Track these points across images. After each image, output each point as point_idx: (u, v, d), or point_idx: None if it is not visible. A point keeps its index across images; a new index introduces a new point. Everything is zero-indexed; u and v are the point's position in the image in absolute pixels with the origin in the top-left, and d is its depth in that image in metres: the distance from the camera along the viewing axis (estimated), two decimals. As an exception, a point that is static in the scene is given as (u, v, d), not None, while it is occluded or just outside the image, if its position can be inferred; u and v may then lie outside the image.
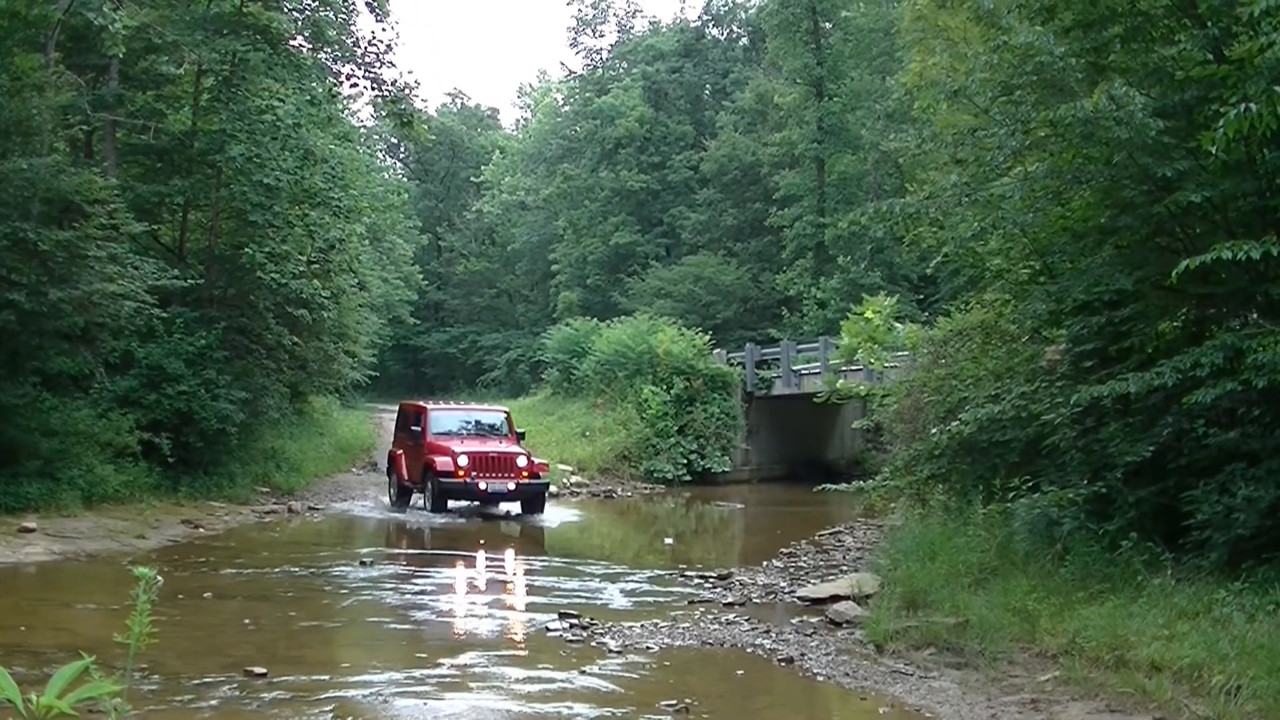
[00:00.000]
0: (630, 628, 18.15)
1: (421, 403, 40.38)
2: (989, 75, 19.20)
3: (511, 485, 34.13)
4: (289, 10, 36.98)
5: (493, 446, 35.16)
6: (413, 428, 36.88)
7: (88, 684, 3.51)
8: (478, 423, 38.13)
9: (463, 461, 33.71)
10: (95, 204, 28.82)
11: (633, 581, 23.75)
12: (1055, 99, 17.18)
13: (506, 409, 41.48)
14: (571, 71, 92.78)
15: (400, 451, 37.40)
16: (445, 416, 37.59)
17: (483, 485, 33.78)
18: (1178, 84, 16.89)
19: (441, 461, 34.16)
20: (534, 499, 35.10)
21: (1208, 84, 16.04)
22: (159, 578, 4.15)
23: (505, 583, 23.09)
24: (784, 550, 27.89)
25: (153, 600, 4.00)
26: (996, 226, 19.85)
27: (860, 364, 42.00)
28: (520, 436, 37.25)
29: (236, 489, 33.78)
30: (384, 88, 38.98)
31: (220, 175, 34.50)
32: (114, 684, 3.57)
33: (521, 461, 34.41)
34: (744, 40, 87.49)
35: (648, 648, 16.86)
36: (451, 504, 34.61)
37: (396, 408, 42.32)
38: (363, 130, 75.12)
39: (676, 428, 50.52)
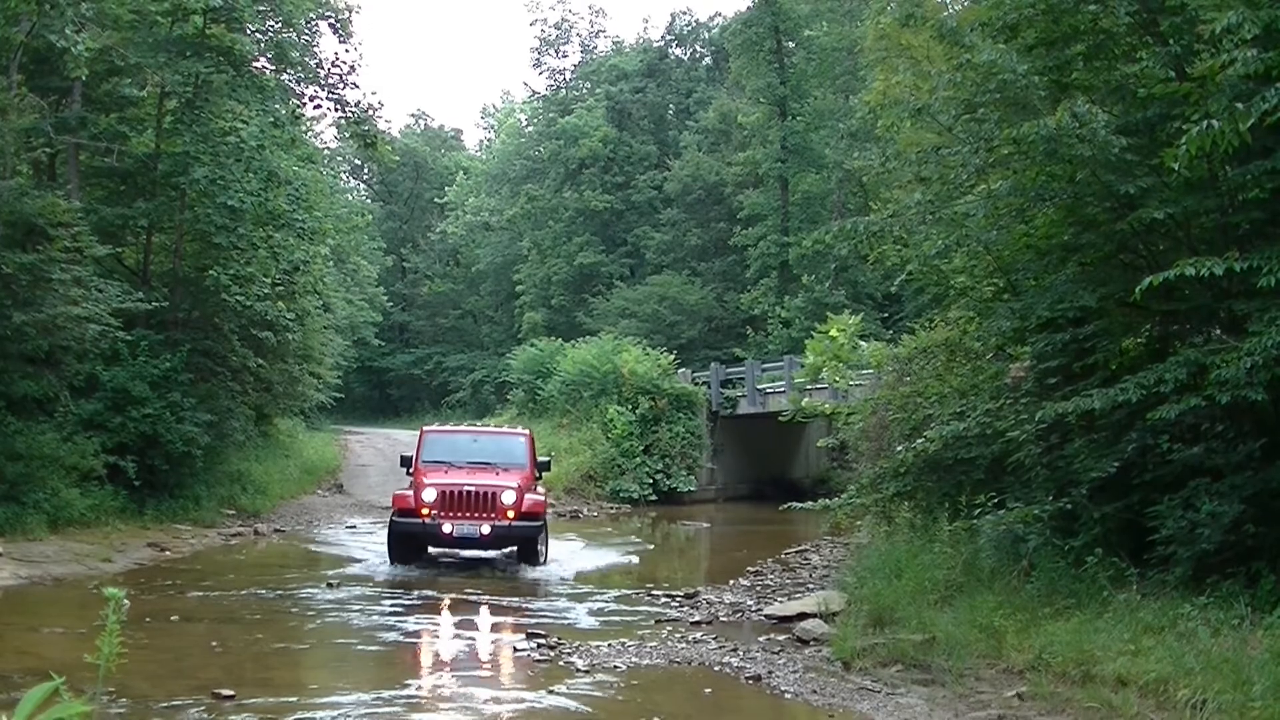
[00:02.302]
0: (598, 647, 18.14)
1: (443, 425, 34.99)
2: (952, 93, 19.31)
3: (485, 529, 26.77)
4: (252, 32, 36.91)
5: (479, 479, 27.49)
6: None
7: (58, 705, 3.51)
8: (485, 448, 29.91)
9: (427, 496, 26.92)
10: (59, 227, 28.78)
11: (600, 601, 23.77)
12: (1018, 117, 17.27)
13: (528, 431, 32.68)
14: (535, 92, 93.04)
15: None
16: (442, 440, 30.15)
17: (447, 528, 26.85)
18: (1140, 101, 17.01)
19: (401, 497, 27.95)
20: (524, 546, 27.98)
21: (1170, 101, 16.17)
22: (126, 600, 4.14)
23: (473, 603, 23.03)
24: (750, 569, 27.89)
25: (121, 621, 3.99)
26: (960, 244, 19.96)
27: (825, 383, 42.08)
28: (543, 467, 30.40)
29: (202, 512, 33.67)
30: (347, 109, 39.08)
31: (184, 197, 34.45)
32: (84, 704, 3.57)
33: (508, 497, 26.98)
34: (707, 60, 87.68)
35: (615, 667, 16.84)
36: (421, 552, 28.40)
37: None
38: (326, 152, 75.06)
39: (642, 447, 50.64)
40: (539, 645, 18.20)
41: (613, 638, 19.01)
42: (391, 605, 22.54)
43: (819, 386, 42.98)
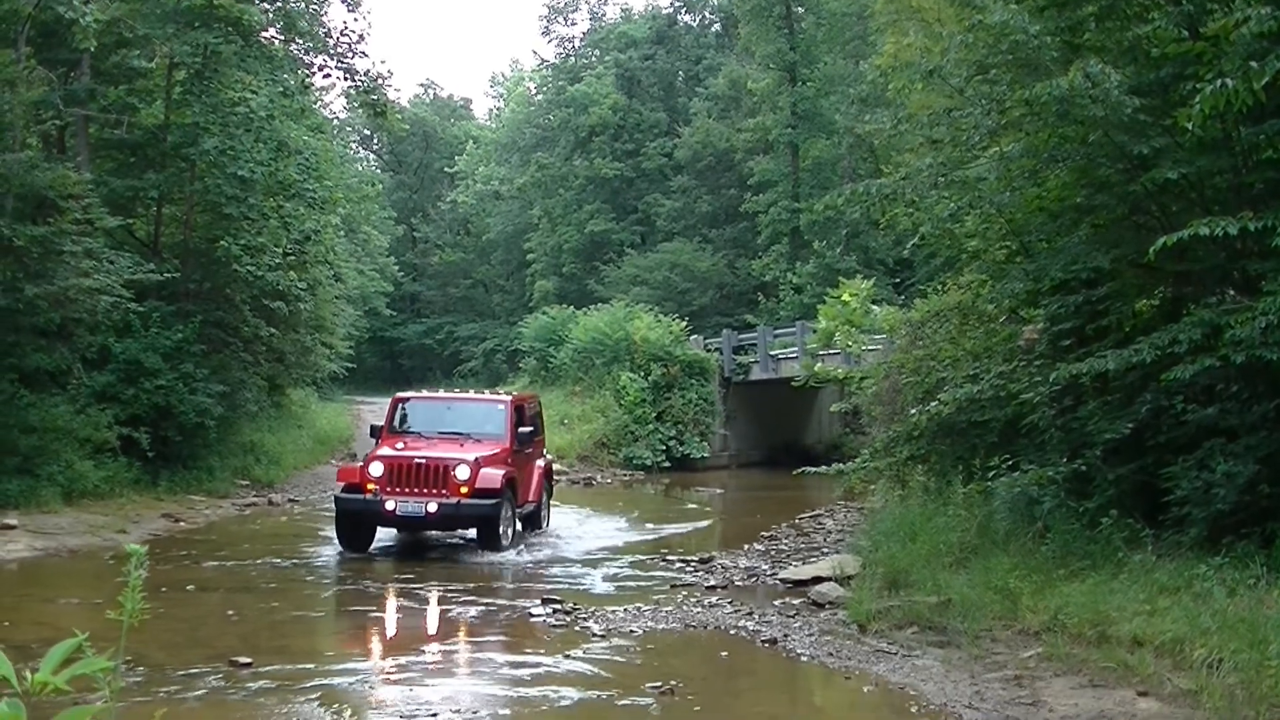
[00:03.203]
0: (613, 612, 18.18)
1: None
2: (964, 55, 19.21)
3: (431, 507, 23.80)
4: (260, 2, 36.79)
5: (436, 450, 24.83)
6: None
7: (82, 660, 3.52)
8: (459, 417, 27.09)
9: (373, 470, 24.19)
10: (69, 199, 28.74)
11: (614, 566, 23.80)
12: (1030, 78, 17.20)
13: (513, 395, 30.09)
14: (544, 60, 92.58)
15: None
16: (415, 408, 27.44)
17: (390, 505, 23.83)
18: (1153, 61, 16.93)
19: (346, 470, 25.65)
20: (480, 528, 24.85)
21: (1183, 61, 16.07)
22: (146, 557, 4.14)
23: (487, 570, 23.02)
24: (765, 534, 27.90)
25: (142, 578, 4.00)
26: (973, 207, 19.89)
27: (838, 348, 42.02)
28: (524, 437, 26.81)
29: (216, 482, 33.66)
30: (356, 78, 38.98)
31: (194, 169, 34.35)
32: (108, 660, 3.57)
33: (461, 472, 23.97)
34: (716, 26, 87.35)
35: (631, 631, 16.89)
36: (371, 535, 25.45)
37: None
38: (335, 122, 75.04)
39: (654, 414, 50.59)
40: (554, 610, 18.24)
41: (628, 603, 19.05)
42: (406, 572, 22.53)
43: (831, 352, 42.93)
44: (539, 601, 18.85)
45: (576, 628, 17.15)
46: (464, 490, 24.03)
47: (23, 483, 26.56)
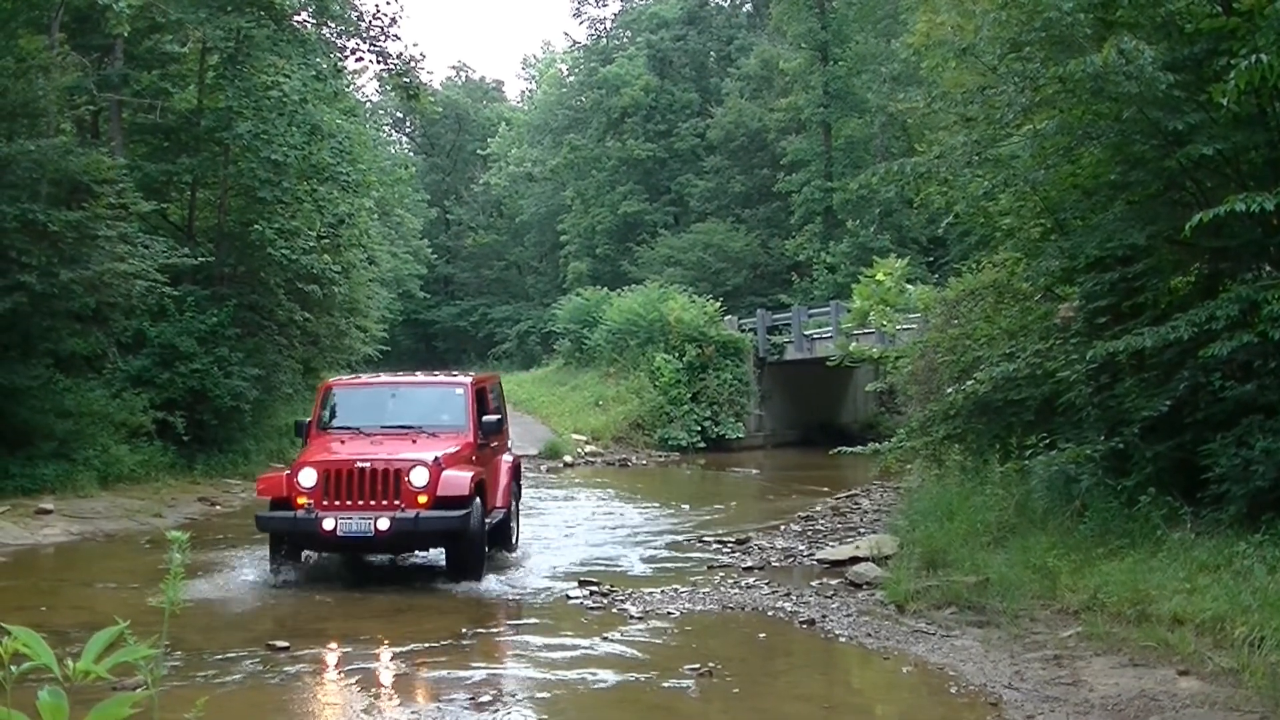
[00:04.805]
0: (650, 594, 18.18)
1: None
2: (997, 33, 19.11)
3: (382, 523, 18.50)
4: (292, -15, 36.89)
5: (382, 450, 19.52)
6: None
7: (124, 648, 3.51)
8: (406, 406, 21.52)
9: (304, 479, 18.83)
10: (103, 184, 28.85)
11: (651, 548, 23.77)
12: (1064, 55, 17.12)
13: (473, 377, 23.02)
14: (575, 42, 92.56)
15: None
16: (350, 397, 22.34)
17: (329, 524, 18.51)
18: (1187, 37, 16.84)
19: (269, 480, 19.98)
20: (447, 549, 19.75)
21: (1217, 36, 16.00)
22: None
23: (524, 552, 22.97)
24: (801, 514, 27.91)
25: (185, 564, 3.99)
26: (1007, 185, 19.81)
27: (872, 327, 41.94)
28: (490, 427, 21.23)
29: (251, 466, 33.69)
30: (389, 61, 38.97)
31: (228, 152, 34.47)
32: (150, 648, 3.57)
33: (419, 475, 18.80)
34: (747, 6, 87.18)
35: (668, 613, 16.88)
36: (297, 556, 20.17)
37: None
38: (368, 105, 75.03)
39: (689, 395, 50.65)
40: (591, 593, 18.24)
41: (665, 584, 19.06)
42: (443, 553, 22.53)
43: (866, 331, 42.84)
44: (576, 584, 18.84)
45: (614, 610, 17.15)
46: (422, 500, 18.74)
47: (59, 467, 26.71)
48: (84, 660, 3.39)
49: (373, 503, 18.64)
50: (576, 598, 18.01)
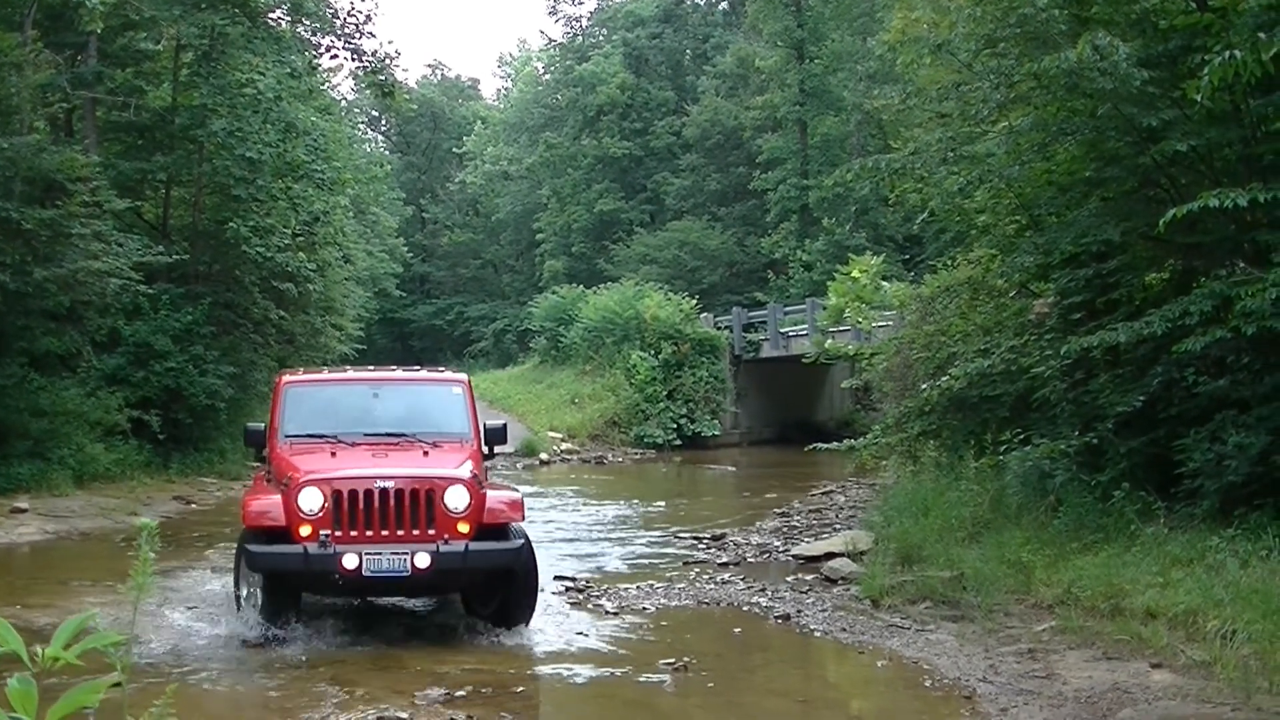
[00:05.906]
0: (626, 589, 18.20)
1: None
2: (972, 29, 19.15)
3: (423, 559, 14.04)
4: (267, -18, 36.86)
5: (399, 464, 15.06)
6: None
7: (93, 635, 3.51)
8: (393, 408, 16.96)
9: (308, 502, 14.24)
10: (77, 182, 28.75)
11: (627, 545, 23.80)
12: (1039, 51, 17.14)
13: (464, 376, 18.01)
14: (551, 40, 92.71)
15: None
16: (318, 396, 17.22)
17: (351, 562, 13.89)
18: (1161, 33, 16.89)
19: (258, 505, 14.90)
20: (504, 586, 15.10)
21: (1191, 33, 16.05)
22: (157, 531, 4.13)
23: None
24: (777, 511, 27.94)
25: (155, 551, 3.98)
26: (982, 181, 19.83)
27: (848, 324, 41.93)
28: (494, 435, 16.48)
29: (227, 464, 33.72)
30: (364, 59, 38.93)
31: (202, 150, 34.45)
32: (119, 635, 3.57)
33: (457, 498, 14.40)
34: (723, 4, 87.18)
35: (644, 608, 16.89)
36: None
37: None
38: (343, 103, 74.98)
39: (665, 393, 50.79)
40: (567, 588, 18.27)
41: (641, 580, 19.07)
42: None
43: (842, 328, 42.84)
44: (552, 579, 18.81)
45: (589, 605, 17.17)
46: (463, 528, 14.38)
47: (34, 466, 26.67)
48: (53, 647, 3.39)
49: (400, 532, 14.21)
50: (552, 594, 18.00)
